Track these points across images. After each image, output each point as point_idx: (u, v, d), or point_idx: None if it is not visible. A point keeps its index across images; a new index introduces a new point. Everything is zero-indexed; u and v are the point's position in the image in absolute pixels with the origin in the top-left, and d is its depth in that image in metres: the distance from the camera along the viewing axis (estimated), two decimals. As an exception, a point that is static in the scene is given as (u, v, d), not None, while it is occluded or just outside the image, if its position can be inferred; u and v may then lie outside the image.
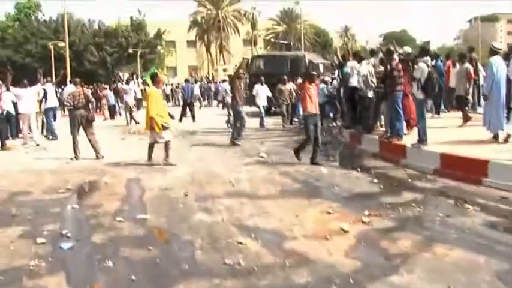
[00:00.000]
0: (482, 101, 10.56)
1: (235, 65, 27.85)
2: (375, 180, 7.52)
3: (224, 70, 46.92)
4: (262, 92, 16.44)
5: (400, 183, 7.37)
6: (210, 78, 44.93)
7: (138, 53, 43.91)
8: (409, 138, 9.19)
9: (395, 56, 9.24)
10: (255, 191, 7.11)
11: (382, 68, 9.61)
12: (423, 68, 8.10)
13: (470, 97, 12.16)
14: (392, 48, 9.49)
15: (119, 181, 8.26)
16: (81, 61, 45.36)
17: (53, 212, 6.46)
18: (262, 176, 8.28)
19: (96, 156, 10.86)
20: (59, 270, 4.32)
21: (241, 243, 4.80)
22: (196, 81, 32.14)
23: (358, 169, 8.41)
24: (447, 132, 9.82)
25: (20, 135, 14.36)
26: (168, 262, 4.38)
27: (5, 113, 13.63)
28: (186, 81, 23.38)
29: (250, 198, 6.66)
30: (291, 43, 29.21)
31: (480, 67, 12.96)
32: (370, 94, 9.95)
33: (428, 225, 5.21)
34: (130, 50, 43.96)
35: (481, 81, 12.17)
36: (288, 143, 12.22)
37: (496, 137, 8.18)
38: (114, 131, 16.89)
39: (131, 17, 49.54)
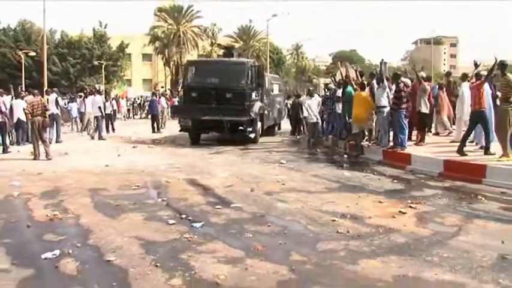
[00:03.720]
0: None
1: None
2: (395, 181, 9.38)
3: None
4: (314, 105, 14.64)
5: (416, 182, 9.26)
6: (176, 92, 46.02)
7: (103, 65, 44.42)
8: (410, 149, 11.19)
9: (406, 80, 11.25)
10: (306, 188, 8.75)
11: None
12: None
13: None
14: (399, 72, 11.51)
15: (178, 181, 9.63)
16: (43, 71, 45.19)
17: (149, 203, 7.79)
18: (299, 177, 9.94)
19: (46, 157, 12.73)
20: (214, 239, 5.74)
21: (334, 220, 6.44)
22: (162, 95, 33.29)
23: (375, 172, 10.25)
24: (437, 146, 11.89)
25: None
26: (294, 233, 5.96)
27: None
28: (153, 94, 24.82)
29: (308, 193, 8.30)
30: (233, 47, 22.27)
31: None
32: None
33: (460, 209, 7.06)
34: (96, 62, 44.37)
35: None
36: (292, 153, 13.99)
37: (482, 148, 10.24)
38: (116, 141, 17.97)
39: (93, 29, 49.92)
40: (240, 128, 15.42)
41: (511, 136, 9.15)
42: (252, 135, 15.79)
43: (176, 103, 38.22)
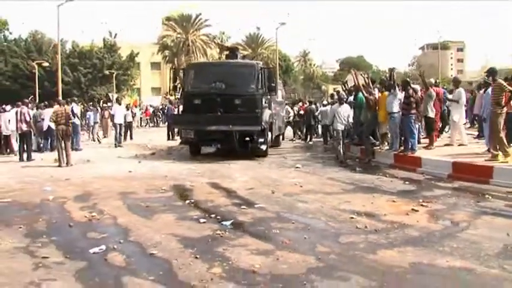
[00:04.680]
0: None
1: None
2: (406, 182, 9.91)
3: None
4: (343, 113, 13.28)
5: (426, 183, 9.79)
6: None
7: (114, 75, 45.25)
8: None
9: (415, 86, 11.84)
10: (323, 190, 9.29)
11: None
12: None
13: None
14: (408, 79, 12.12)
15: (201, 184, 10.20)
16: (55, 82, 46.07)
17: (178, 205, 8.37)
18: (316, 180, 10.49)
19: (66, 164, 13.50)
20: (244, 235, 6.30)
21: (352, 217, 6.99)
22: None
23: (387, 175, 10.78)
24: (446, 149, 12.44)
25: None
26: (317, 229, 6.51)
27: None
28: (170, 103, 25.52)
29: (325, 194, 8.85)
30: (237, 48, 18.44)
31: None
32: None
33: (468, 207, 7.58)
34: (107, 72, 45.23)
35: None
36: (306, 158, 14.58)
37: (489, 150, 10.75)
38: (133, 149, 18.61)
39: (104, 38, 50.90)
40: (250, 139, 13.78)
41: None
42: (263, 147, 14.27)
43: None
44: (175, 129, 21.24)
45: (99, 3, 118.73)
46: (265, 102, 14.77)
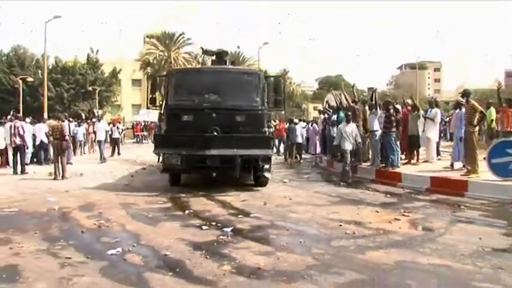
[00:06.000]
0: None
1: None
2: (388, 195, 10.72)
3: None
4: (350, 132, 12.65)
5: (407, 196, 10.62)
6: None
7: (97, 91, 45.60)
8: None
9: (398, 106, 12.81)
10: (312, 202, 10.03)
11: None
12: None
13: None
14: (390, 100, 13.07)
15: (196, 197, 10.79)
16: (36, 96, 46.14)
17: (179, 214, 8.98)
18: (303, 194, 11.22)
19: (61, 177, 13.99)
20: (245, 240, 6.97)
21: (340, 225, 7.73)
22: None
23: (370, 189, 11.59)
24: (422, 164, 13.35)
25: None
26: (310, 234, 7.22)
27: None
28: (159, 119, 26.11)
29: (314, 206, 9.59)
30: (226, 53, 13.89)
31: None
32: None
33: (445, 216, 8.40)
34: (90, 88, 45.55)
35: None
36: (291, 174, 15.33)
37: (464, 166, 11.66)
38: (123, 164, 19.11)
39: (88, 55, 51.28)
40: (254, 165, 11.45)
41: (489, 156, 10.51)
42: (268, 175, 11.85)
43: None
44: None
45: (82, 19, 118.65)
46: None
